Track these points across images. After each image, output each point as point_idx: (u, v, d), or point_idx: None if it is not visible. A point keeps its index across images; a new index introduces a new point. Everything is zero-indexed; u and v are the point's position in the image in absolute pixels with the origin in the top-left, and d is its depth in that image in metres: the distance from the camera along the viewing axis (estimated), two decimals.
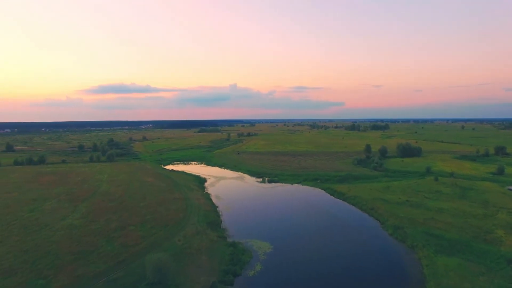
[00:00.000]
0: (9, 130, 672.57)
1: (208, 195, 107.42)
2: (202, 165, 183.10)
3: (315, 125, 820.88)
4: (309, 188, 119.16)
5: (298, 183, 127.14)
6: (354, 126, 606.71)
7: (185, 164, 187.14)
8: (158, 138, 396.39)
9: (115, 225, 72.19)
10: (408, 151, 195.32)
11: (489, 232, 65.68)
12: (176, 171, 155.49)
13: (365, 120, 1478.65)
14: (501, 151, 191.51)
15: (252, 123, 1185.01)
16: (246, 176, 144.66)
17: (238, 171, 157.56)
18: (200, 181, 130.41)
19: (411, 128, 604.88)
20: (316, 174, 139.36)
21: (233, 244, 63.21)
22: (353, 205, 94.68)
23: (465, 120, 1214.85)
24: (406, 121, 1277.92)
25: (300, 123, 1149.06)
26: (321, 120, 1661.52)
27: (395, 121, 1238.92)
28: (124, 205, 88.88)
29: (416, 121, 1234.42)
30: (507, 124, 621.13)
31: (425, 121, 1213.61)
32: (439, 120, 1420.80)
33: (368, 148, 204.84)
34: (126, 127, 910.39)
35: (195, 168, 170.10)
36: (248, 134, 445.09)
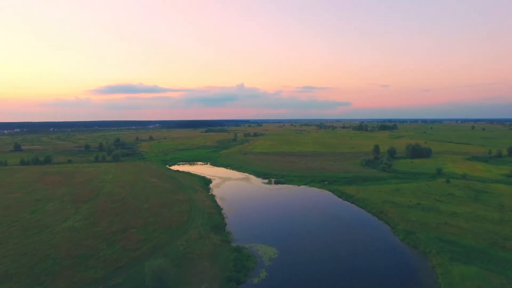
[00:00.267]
0: (19, 130, 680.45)
1: (213, 197, 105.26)
2: (208, 166, 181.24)
3: (322, 125, 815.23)
4: (317, 190, 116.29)
5: (305, 185, 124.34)
6: (362, 126, 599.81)
7: (191, 165, 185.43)
8: (165, 138, 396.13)
9: (117, 228, 70.36)
10: (418, 152, 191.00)
11: (508, 239, 62.10)
12: (181, 172, 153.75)
13: (373, 120, 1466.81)
14: None
15: (259, 123, 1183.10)
16: (252, 177, 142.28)
17: (244, 172, 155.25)
18: (205, 182, 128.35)
19: (420, 128, 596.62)
20: (324, 175, 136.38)
21: (237, 249, 60.76)
22: (362, 208, 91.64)
23: (475, 120, 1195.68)
24: (414, 121, 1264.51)
25: (307, 123, 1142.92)
26: (328, 120, 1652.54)
27: (403, 121, 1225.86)
28: (127, 207, 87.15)
29: (425, 121, 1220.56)
30: None
31: (434, 121, 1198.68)
32: (448, 120, 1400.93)
33: (377, 149, 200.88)
34: (134, 127, 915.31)
35: (201, 169, 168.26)
36: (255, 134, 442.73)
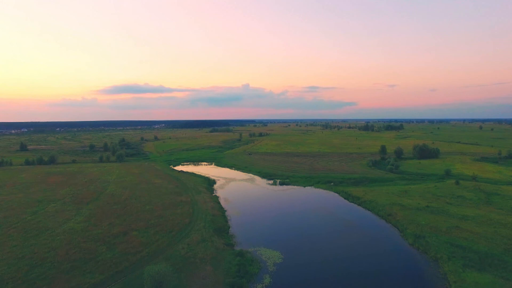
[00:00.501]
0: (26, 130, 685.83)
1: (217, 198, 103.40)
2: (212, 166, 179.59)
3: (328, 125, 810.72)
4: (322, 191, 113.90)
5: (311, 186, 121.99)
6: (368, 127, 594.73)
7: (195, 165, 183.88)
8: (169, 138, 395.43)
9: (118, 230, 68.78)
10: (425, 153, 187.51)
11: None
12: (185, 172, 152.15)
13: (379, 120, 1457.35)
14: None
15: (265, 123, 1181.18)
16: (257, 178, 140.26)
17: (249, 173, 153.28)
18: (209, 183, 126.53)
19: (426, 129, 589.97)
20: (329, 176, 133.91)
21: (241, 253, 58.72)
22: (369, 210, 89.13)
23: (482, 120, 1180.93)
24: (421, 121, 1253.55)
25: (313, 123, 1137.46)
26: (334, 120, 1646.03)
27: (409, 121, 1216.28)
28: (129, 209, 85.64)
29: (431, 121, 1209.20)
30: None
31: (441, 121, 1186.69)
32: (455, 120, 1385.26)
33: (383, 149, 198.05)
34: (139, 127, 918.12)
35: (205, 169, 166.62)
36: (260, 134, 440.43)
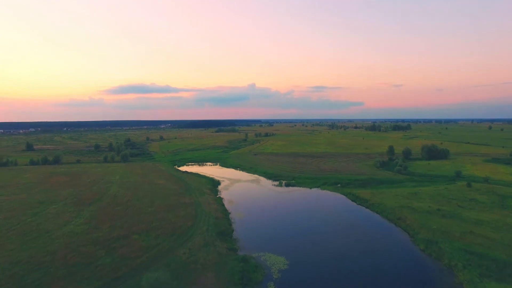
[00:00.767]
0: (33, 130, 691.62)
1: (221, 200, 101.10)
2: (217, 166, 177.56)
3: (334, 125, 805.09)
4: (329, 193, 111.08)
5: (317, 187, 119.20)
6: (375, 126, 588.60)
7: (200, 165, 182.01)
8: (175, 138, 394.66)
9: (118, 233, 66.84)
10: (434, 153, 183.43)
11: None
12: (190, 173, 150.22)
13: (385, 120, 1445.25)
14: None
15: (270, 123, 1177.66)
16: (262, 179, 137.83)
17: (254, 173, 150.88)
18: (214, 184, 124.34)
19: (434, 129, 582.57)
20: (336, 177, 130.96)
21: (244, 259, 56.27)
22: (378, 213, 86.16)
23: (491, 120, 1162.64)
24: (428, 121, 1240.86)
25: (319, 123, 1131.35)
26: (340, 120, 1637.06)
27: (416, 121, 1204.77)
28: (131, 210, 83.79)
29: (439, 121, 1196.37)
30: None
31: (448, 121, 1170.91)
32: (462, 120, 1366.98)
33: (391, 150, 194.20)
34: (145, 127, 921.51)
35: (210, 170, 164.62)
36: (266, 134, 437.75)
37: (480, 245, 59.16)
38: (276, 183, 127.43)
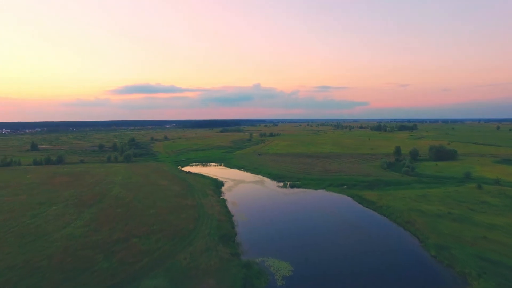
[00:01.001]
0: (39, 129, 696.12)
1: (224, 202, 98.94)
2: (221, 167, 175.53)
3: (339, 125, 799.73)
4: (335, 195, 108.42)
5: (323, 189, 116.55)
6: (380, 127, 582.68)
7: (204, 166, 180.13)
8: (179, 138, 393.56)
9: (118, 236, 65.03)
10: (442, 154, 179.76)
11: None
12: (193, 173, 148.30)
13: (391, 120, 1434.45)
14: None
15: (275, 123, 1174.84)
16: (267, 180, 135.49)
17: (258, 174, 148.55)
18: (217, 185, 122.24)
19: (441, 129, 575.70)
20: (342, 179, 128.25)
21: (247, 265, 54.05)
22: (385, 217, 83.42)
23: (498, 120, 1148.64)
24: (434, 121, 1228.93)
25: (324, 123, 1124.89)
26: (346, 120, 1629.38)
27: (422, 121, 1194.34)
28: (132, 212, 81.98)
29: (445, 121, 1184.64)
30: None
31: (454, 121, 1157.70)
32: (469, 120, 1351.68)
33: (398, 150, 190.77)
34: (150, 127, 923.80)
35: (213, 170, 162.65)
36: (271, 134, 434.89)
37: (495, 252, 56.34)
38: (281, 184, 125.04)
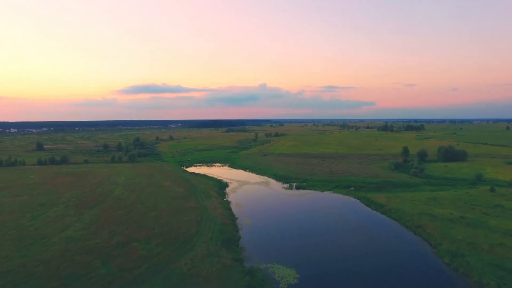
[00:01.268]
0: (46, 129, 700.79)
1: (228, 204, 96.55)
2: (226, 168, 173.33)
3: (346, 125, 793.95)
4: (342, 197, 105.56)
5: (329, 191, 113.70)
6: (387, 127, 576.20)
7: (208, 166, 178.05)
8: (185, 138, 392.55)
9: (118, 240, 62.91)
10: (451, 155, 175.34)
11: None
12: (197, 174, 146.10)
13: (398, 120, 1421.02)
14: None
15: (281, 123, 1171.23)
16: (272, 181, 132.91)
17: (264, 175, 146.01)
18: (221, 186, 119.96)
19: (448, 129, 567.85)
20: (349, 180, 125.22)
21: (251, 272, 51.47)
22: (395, 220, 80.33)
23: (508, 121, 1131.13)
24: (442, 121, 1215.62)
25: (330, 123, 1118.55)
26: (352, 120, 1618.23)
27: (430, 121, 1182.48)
28: (133, 214, 79.95)
29: (452, 121, 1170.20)
30: None
31: (462, 121, 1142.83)
32: (478, 120, 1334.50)
33: (406, 151, 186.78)
34: (156, 126, 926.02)
35: (218, 171, 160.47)
36: (276, 134, 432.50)
37: None
38: (286, 186, 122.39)
